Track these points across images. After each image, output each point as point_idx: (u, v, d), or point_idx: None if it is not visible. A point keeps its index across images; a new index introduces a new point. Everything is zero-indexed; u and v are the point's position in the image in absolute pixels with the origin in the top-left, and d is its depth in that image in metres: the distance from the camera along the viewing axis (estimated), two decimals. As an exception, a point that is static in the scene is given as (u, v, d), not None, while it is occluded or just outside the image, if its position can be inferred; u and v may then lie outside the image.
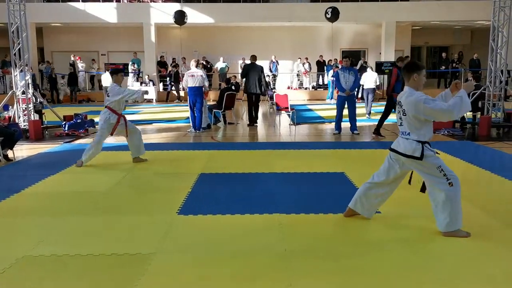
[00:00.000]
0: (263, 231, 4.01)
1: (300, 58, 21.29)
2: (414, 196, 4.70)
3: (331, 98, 18.09)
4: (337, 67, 18.97)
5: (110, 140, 9.33)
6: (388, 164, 3.98)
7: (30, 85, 9.95)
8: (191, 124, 10.22)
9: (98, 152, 6.70)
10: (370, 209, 4.18)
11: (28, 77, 9.89)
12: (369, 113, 12.81)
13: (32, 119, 9.71)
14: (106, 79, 14.94)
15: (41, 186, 5.60)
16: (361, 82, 13.49)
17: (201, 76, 9.72)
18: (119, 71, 6.89)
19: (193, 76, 9.68)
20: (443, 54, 22.24)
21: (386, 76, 19.69)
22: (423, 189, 3.91)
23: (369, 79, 13.40)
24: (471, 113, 10.53)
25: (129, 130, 6.73)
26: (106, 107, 6.63)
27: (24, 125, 9.64)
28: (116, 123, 6.58)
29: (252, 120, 11.27)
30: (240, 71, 20.17)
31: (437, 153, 3.80)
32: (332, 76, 18.43)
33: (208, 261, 3.41)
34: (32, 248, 3.65)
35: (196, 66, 9.93)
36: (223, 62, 20.74)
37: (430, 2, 20.75)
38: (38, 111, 10.19)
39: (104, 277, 3.17)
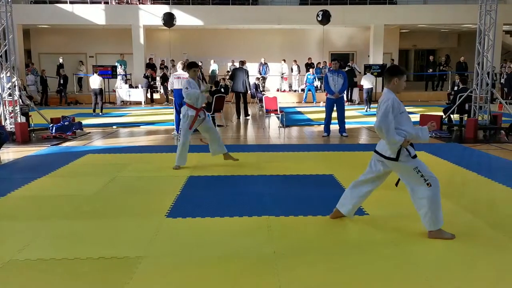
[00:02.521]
0: (252, 233, 4.01)
1: (284, 59, 21.27)
2: (401, 197, 4.74)
3: (315, 101, 18.59)
4: (311, 68, 19.34)
5: (98, 143, 9.27)
6: (373, 164, 4.05)
7: (16, 87, 9.84)
8: (175, 127, 10.17)
9: (187, 150, 6.67)
10: (352, 209, 4.21)
11: (14, 79, 9.78)
12: (370, 107, 15.43)
13: (19, 121, 9.61)
14: (94, 81, 14.85)
15: (28, 190, 5.53)
16: (361, 83, 16.35)
17: (187, 78, 9.69)
18: (194, 65, 6.78)
19: (179, 78, 9.68)
20: (431, 57, 22.47)
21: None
22: (397, 183, 4.02)
23: (368, 80, 15.78)
24: (458, 115, 10.65)
25: (207, 127, 6.72)
26: (186, 104, 6.62)
27: (11, 128, 9.53)
28: (195, 116, 6.54)
29: (240, 114, 13.19)
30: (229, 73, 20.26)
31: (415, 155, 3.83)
32: (306, 81, 18.99)
33: (196, 264, 3.39)
34: (18, 252, 3.60)
35: (183, 69, 9.91)
36: (214, 63, 20.71)
37: (418, 5, 20.97)
38: (25, 114, 10.08)
39: (91, 281, 3.13)
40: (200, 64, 20.03)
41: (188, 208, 4.73)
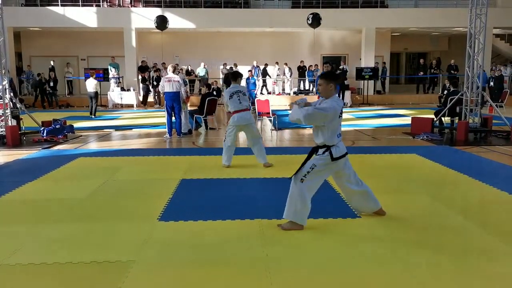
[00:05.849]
0: (244, 236, 4.00)
1: (277, 62, 21.28)
2: (393, 201, 4.77)
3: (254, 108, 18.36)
4: (250, 71, 19.05)
5: (90, 146, 9.22)
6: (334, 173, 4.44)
7: (7, 90, 9.77)
8: (167, 130, 10.15)
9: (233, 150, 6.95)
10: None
11: (5, 82, 9.71)
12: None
13: (10, 124, 9.53)
14: (90, 85, 14.84)
15: (19, 193, 5.49)
16: None
17: (178, 81, 9.73)
18: (239, 75, 7.03)
19: (169, 81, 9.68)
20: (422, 60, 22.64)
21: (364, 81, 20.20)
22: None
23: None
24: (449, 118, 10.72)
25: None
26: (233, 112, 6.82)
27: (1, 131, 9.45)
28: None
29: None
30: (221, 76, 20.24)
31: None
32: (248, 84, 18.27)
33: (188, 267, 3.38)
34: (8, 256, 3.57)
35: (173, 72, 9.91)
36: (204, 67, 20.69)
37: (409, 9, 21.12)
38: (16, 117, 10.00)
39: (83, 286, 3.11)
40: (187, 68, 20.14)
41: (180, 211, 4.71)
